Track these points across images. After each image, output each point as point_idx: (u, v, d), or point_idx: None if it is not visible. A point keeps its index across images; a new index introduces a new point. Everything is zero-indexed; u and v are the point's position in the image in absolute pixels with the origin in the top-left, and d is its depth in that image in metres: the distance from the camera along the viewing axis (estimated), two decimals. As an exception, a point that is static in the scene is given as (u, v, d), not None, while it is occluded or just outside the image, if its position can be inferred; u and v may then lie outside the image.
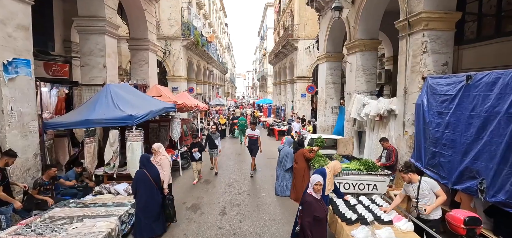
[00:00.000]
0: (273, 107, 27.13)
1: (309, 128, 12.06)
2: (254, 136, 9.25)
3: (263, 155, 12.02)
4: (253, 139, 9.25)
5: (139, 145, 5.67)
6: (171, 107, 8.09)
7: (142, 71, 11.62)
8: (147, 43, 11.46)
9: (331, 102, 12.39)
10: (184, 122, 11.13)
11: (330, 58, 12.15)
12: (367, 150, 7.91)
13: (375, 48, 9.08)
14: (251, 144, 9.26)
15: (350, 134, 9.48)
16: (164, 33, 17.24)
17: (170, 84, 17.72)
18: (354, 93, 9.07)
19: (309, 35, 18.40)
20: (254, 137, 9.25)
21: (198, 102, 12.07)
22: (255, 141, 9.26)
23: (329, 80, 12.30)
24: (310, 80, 18.79)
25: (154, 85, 9.53)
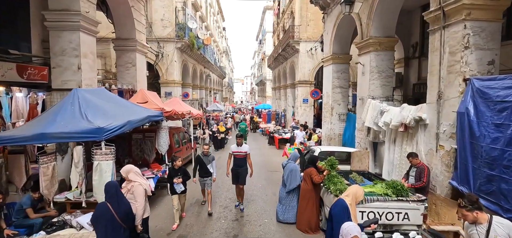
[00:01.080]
0: (272, 113, 25.99)
1: (315, 137, 10.93)
2: (241, 154, 6.48)
3: (263, 167, 10.84)
4: (240, 157, 6.49)
5: (110, 165, 4.49)
6: (157, 116, 6.92)
7: (129, 74, 10.47)
8: (134, 44, 10.32)
9: (338, 108, 11.26)
10: (175, 130, 9.95)
11: (336, 59, 11.06)
12: (387, 166, 6.75)
13: (391, 47, 7.99)
14: (237, 166, 6.48)
15: (363, 145, 8.33)
16: (156, 35, 16.12)
17: (163, 89, 16.57)
18: (367, 98, 7.95)
19: (311, 36, 17.36)
20: (241, 156, 6.49)
21: (191, 109, 10.89)
22: (243, 161, 6.52)
23: (335, 84, 11.19)
24: (312, 85, 17.68)
25: (140, 90, 8.39)
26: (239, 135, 6.69)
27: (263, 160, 12.45)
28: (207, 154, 6.51)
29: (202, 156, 6.53)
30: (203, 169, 6.48)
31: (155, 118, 6.82)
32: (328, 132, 11.60)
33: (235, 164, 6.55)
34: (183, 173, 5.80)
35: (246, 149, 6.57)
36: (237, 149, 6.55)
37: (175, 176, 5.65)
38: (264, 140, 19.12)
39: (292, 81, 20.87)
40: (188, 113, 10.11)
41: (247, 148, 6.62)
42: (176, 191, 5.64)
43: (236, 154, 6.55)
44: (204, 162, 6.44)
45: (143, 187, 3.93)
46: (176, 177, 5.63)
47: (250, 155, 6.68)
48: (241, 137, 6.67)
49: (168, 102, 11.00)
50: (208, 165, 6.45)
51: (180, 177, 5.65)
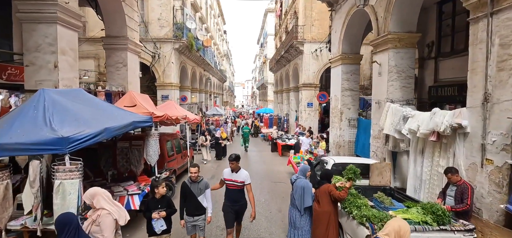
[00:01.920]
0: (274, 117, 25.03)
1: (322, 144, 9.98)
2: (237, 185, 4.53)
3: (266, 177, 9.87)
4: (236, 189, 4.55)
5: (75, 185, 3.54)
6: (145, 121, 5.98)
7: (120, 75, 9.57)
8: (126, 42, 9.44)
9: (347, 113, 10.31)
10: (169, 137, 9.02)
11: (346, 60, 10.14)
12: (412, 181, 5.78)
13: (412, 44, 7.06)
14: (232, 201, 4.57)
15: (379, 155, 7.36)
16: (153, 35, 15.28)
17: (160, 93, 15.68)
18: (385, 102, 7.01)
19: (316, 37, 16.48)
20: (237, 187, 4.54)
21: (187, 113, 9.96)
22: (240, 195, 4.60)
23: (345, 87, 10.25)
24: (317, 88, 16.76)
25: (128, 92, 7.49)
26: (233, 158, 4.50)
27: (266, 169, 11.48)
28: (196, 180, 4.25)
29: (189, 183, 4.26)
30: (191, 203, 4.21)
31: (142, 124, 5.88)
32: (336, 139, 10.64)
33: (228, 198, 4.56)
34: (167, 204, 3.95)
35: (244, 177, 4.47)
36: (230, 176, 4.48)
37: (154, 208, 3.84)
38: (266, 145, 18.17)
39: (296, 84, 19.94)
40: (184, 118, 9.18)
41: (246, 175, 4.51)
42: (155, 231, 3.79)
43: (230, 183, 4.51)
44: (193, 193, 4.20)
45: (113, 217, 2.98)
46: (155, 211, 3.81)
47: (251, 186, 4.64)
48: (236, 161, 4.52)
49: (161, 106, 10.10)
50: (200, 197, 4.24)
51: (162, 210, 3.84)
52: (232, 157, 4.56)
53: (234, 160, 4.55)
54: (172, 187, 7.37)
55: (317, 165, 6.70)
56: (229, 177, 4.58)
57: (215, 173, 10.64)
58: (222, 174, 4.71)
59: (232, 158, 4.55)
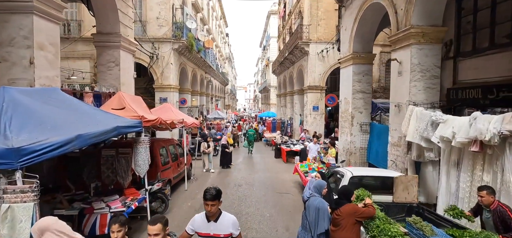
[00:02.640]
0: (278, 121, 24.21)
1: (332, 151, 9.12)
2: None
3: (271, 188, 9.02)
4: None
5: (29, 210, 2.74)
6: (133, 127, 5.20)
7: (111, 75, 8.82)
8: (118, 39, 8.70)
9: (359, 117, 9.47)
10: (165, 143, 8.22)
11: (358, 59, 9.32)
12: (444, 197, 4.92)
13: (438, 39, 6.25)
14: None
15: (400, 165, 6.50)
16: (151, 35, 14.58)
17: (158, 95, 14.93)
18: (407, 105, 6.17)
19: (322, 37, 15.69)
20: None
21: (185, 117, 9.16)
22: None
23: (357, 89, 9.42)
24: (323, 91, 15.93)
25: (117, 93, 6.71)
26: (210, 197, 2.64)
27: (270, 177, 10.63)
28: None
29: None
30: None
31: (129, 129, 5.09)
32: (347, 145, 9.78)
33: None
34: None
35: (231, 227, 2.71)
36: (207, 228, 2.72)
37: None
38: (269, 151, 17.32)
39: (300, 87, 19.13)
40: (181, 122, 8.38)
41: (233, 223, 2.74)
42: None
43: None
44: None
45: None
46: None
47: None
48: (216, 199, 2.67)
49: (156, 109, 9.32)
50: None
51: None
52: (208, 195, 2.66)
53: (212, 198, 2.65)
54: (165, 200, 6.55)
55: (330, 177, 5.84)
56: (205, 231, 2.72)
57: (221, 186, 9.78)
58: (190, 221, 2.82)
59: (209, 197, 2.65)
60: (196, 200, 7.71)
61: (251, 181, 9.86)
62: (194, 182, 9.71)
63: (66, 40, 12.79)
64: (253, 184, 9.50)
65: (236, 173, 11.28)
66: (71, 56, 13.86)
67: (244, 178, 10.39)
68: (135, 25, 13.96)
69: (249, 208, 7.22)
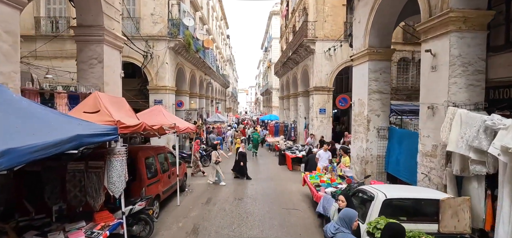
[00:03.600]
0: (280, 125, 23.04)
1: (346, 160, 7.95)
2: None
3: (276, 202, 7.86)
4: None
5: None
6: (104, 134, 4.08)
7: (93, 74, 7.73)
8: (101, 33, 7.62)
9: (376, 121, 8.31)
10: (153, 152, 7.09)
11: (374, 55, 8.19)
12: (507, 227, 3.74)
13: (482, 25, 5.11)
14: None
15: (435, 180, 5.33)
16: (145, 32, 13.54)
17: (153, 97, 13.84)
18: (445, 106, 5.02)
19: (329, 35, 14.57)
20: None
21: (178, 121, 8.03)
22: None
23: (373, 89, 8.28)
24: (330, 92, 14.78)
25: (93, 94, 5.61)
26: None
27: (274, 188, 9.47)
28: None
29: None
30: None
31: (96, 139, 3.96)
32: (361, 153, 8.61)
33: None
34: None
35: None
36: None
37: None
38: (272, 157, 16.16)
39: (305, 88, 17.99)
40: (172, 127, 7.25)
41: None
42: None
43: None
44: None
45: None
46: None
47: None
48: None
49: (144, 112, 8.23)
50: None
51: None
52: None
53: None
54: (150, 222, 5.40)
55: (353, 195, 4.66)
56: None
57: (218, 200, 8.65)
58: None
59: None
60: (189, 218, 6.56)
61: (254, 194, 8.71)
62: (188, 194, 8.57)
63: (54, 38, 11.76)
64: (255, 197, 8.34)
65: (236, 182, 10.12)
66: (59, 55, 12.83)
67: (245, 189, 9.24)
68: (128, 22, 12.98)
69: (252, 229, 6.06)
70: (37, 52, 11.71)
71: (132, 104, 13.72)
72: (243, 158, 10.76)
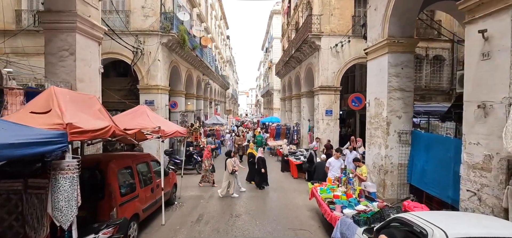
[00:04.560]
0: (282, 127, 21.81)
1: (363, 169, 6.71)
2: None
3: (281, 220, 6.59)
4: None
5: None
6: (44, 143, 2.88)
7: (64, 68, 6.56)
8: (73, 20, 6.45)
9: (397, 123, 7.10)
10: (132, 161, 5.87)
11: (395, 47, 6.99)
12: None
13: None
14: None
15: (489, 200, 4.10)
16: (136, 27, 12.38)
17: (143, 97, 12.64)
18: (507, 102, 3.81)
19: (336, 30, 13.39)
20: None
21: (163, 124, 6.80)
22: None
23: (393, 86, 7.07)
24: (337, 91, 13.57)
25: (48, 90, 4.44)
26: None
27: (278, 200, 8.23)
28: None
29: None
30: None
31: (25, 150, 2.74)
32: (379, 161, 7.39)
33: None
34: None
35: None
36: None
37: None
38: (274, 162, 14.90)
39: (309, 88, 16.78)
40: (156, 131, 6.04)
41: None
42: None
43: None
44: None
45: None
46: None
47: None
48: None
49: (125, 113, 7.01)
50: None
51: None
52: None
53: None
54: (119, 256, 4.18)
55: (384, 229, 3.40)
56: None
57: (213, 216, 7.43)
58: None
59: None
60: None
61: (253, 208, 7.47)
62: (177, 209, 7.33)
63: (36, 34, 10.62)
64: (255, 213, 7.10)
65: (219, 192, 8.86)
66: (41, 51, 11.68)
67: (244, 202, 8.00)
68: (116, 15, 11.84)
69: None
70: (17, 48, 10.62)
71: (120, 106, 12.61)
72: (264, 163, 9.55)
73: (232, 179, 8.52)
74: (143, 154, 6.89)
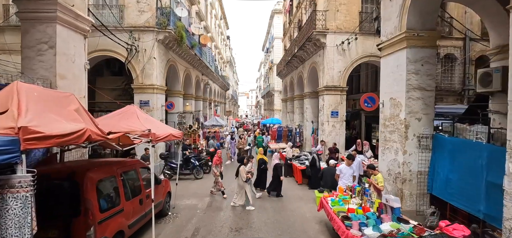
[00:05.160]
0: (284, 129, 21.07)
1: (379, 178, 5.95)
2: None
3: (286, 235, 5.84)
4: None
5: None
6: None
7: (43, 63, 5.82)
8: (53, 8, 5.70)
9: (416, 126, 6.36)
10: (118, 168, 5.11)
11: (414, 40, 6.26)
12: None
13: None
14: None
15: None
16: (130, 22, 11.67)
17: (138, 97, 11.90)
18: None
19: (342, 26, 12.66)
20: None
21: (154, 126, 6.04)
22: None
23: (413, 84, 6.33)
24: (344, 92, 12.84)
25: (10, 86, 3.70)
26: None
27: (282, 210, 7.47)
28: None
29: None
30: None
31: None
32: (396, 168, 6.64)
33: None
34: None
35: None
36: None
37: None
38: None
39: (313, 88, 16.06)
40: (145, 135, 5.29)
41: None
42: None
43: None
44: None
45: None
46: None
47: None
48: None
49: (112, 114, 6.27)
50: None
51: None
52: None
53: None
54: None
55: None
56: None
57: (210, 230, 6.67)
58: None
59: None
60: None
61: (256, 221, 6.71)
62: (170, 222, 6.57)
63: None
64: (259, 226, 6.35)
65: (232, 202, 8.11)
66: (29, 49, 10.93)
67: (246, 213, 7.24)
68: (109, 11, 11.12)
69: None
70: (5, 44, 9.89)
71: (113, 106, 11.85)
72: (281, 171, 8.79)
73: (247, 188, 7.61)
74: (131, 161, 6.11)
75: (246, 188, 7.60)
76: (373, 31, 12.88)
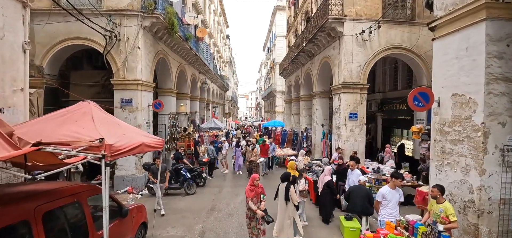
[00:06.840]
0: (289, 132, 19.13)
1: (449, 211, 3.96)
2: None
3: None
4: None
5: None
6: None
7: None
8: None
9: (499, 134, 4.38)
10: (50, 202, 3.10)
11: (498, 10, 4.29)
12: None
13: None
14: None
15: None
16: (110, 6, 9.71)
17: (119, 95, 9.90)
18: None
19: (362, 13, 10.72)
20: None
21: (116, 134, 4.05)
22: None
23: (494, 74, 4.36)
24: (364, 90, 10.86)
25: None
26: None
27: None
28: None
29: None
30: None
31: None
32: (465, 193, 4.66)
33: None
34: None
35: None
36: None
37: None
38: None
39: (323, 88, 14.13)
40: (96, 148, 3.30)
41: None
42: None
43: None
44: None
45: None
46: None
47: None
48: None
49: (52, 116, 4.23)
50: None
51: None
52: None
53: None
54: None
55: None
56: None
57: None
58: None
59: None
60: None
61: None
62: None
63: None
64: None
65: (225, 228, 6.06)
66: None
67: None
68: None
69: None
70: None
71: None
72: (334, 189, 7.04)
73: (296, 217, 5.49)
74: (71, 187, 3.96)
75: (296, 216, 5.46)
76: (398, 18, 11.02)
